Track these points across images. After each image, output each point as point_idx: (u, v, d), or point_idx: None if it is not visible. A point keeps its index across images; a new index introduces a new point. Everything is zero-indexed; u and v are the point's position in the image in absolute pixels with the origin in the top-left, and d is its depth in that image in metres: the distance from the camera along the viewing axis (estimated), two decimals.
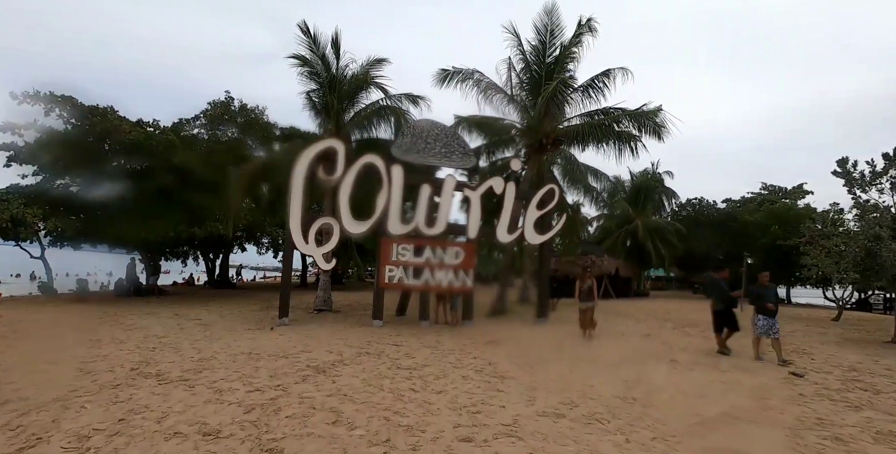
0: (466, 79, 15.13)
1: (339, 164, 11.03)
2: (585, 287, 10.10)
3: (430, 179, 11.83)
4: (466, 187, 12.06)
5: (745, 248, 35.74)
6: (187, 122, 21.40)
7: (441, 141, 12.05)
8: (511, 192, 12.39)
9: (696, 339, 11.11)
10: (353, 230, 11.14)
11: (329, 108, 14.69)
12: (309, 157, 10.89)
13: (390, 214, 11.20)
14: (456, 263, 11.69)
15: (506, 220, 12.34)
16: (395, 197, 11.28)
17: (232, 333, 9.85)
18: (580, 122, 15.01)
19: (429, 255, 11.50)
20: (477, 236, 12.01)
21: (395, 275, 11.27)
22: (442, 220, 11.66)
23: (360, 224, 11.09)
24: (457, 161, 12.12)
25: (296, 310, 14.65)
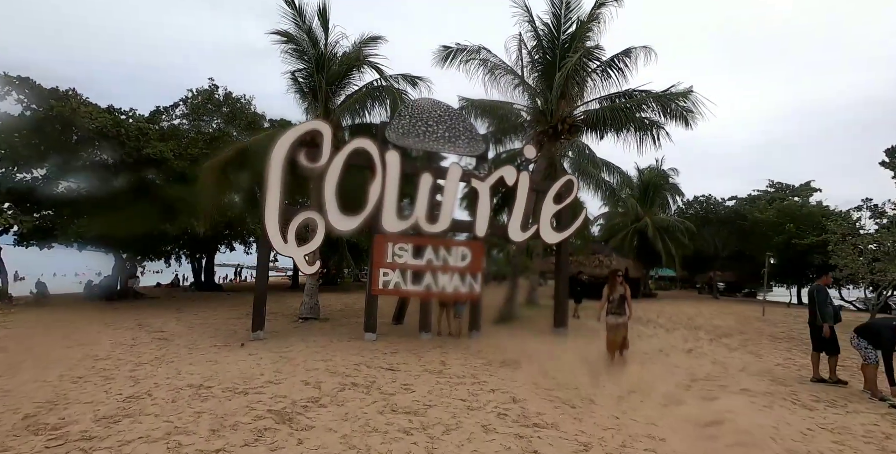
0: (471, 57, 13.29)
1: (324, 149, 9.21)
2: (616, 296, 7.74)
3: (431, 168, 10.01)
4: (474, 177, 10.25)
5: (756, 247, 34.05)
6: (165, 111, 19.51)
7: (444, 123, 10.23)
8: (525, 182, 10.58)
9: (744, 355, 9.34)
10: (341, 226, 9.32)
11: (317, 89, 12.84)
12: (289, 141, 9.06)
13: (384, 208, 9.38)
14: (462, 266, 9.87)
15: (518, 216, 10.53)
16: (391, 188, 9.46)
17: (192, 352, 8.01)
18: (599, 106, 13.19)
19: (430, 257, 9.69)
20: (486, 234, 10.21)
21: (391, 279, 9.45)
22: (445, 215, 9.85)
23: (349, 219, 9.26)
24: (462, 147, 10.30)
25: (279, 318, 12.83)
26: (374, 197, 9.36)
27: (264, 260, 9.33)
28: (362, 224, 9.36)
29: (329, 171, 9.19)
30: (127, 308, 15.52)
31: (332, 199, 9.17)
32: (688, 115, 12.97)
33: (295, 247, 8.97)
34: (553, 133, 12.87)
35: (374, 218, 9.34)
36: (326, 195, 9.15)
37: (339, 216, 9.17)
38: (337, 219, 9.15)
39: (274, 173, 8.96)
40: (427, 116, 10.16)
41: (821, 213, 32.84)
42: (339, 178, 9.31)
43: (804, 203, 34.16)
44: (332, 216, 9.11)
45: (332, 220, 9.11)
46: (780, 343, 11.58)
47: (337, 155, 9.27)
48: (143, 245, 18.64)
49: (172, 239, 18.97)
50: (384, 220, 9.37)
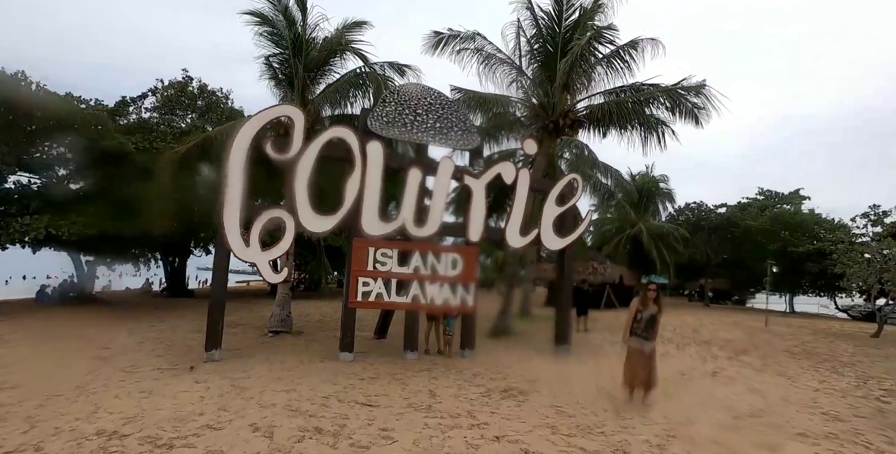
0: (465, 44, 12.06)
1: (295, 137, 7.85)
2: (646, 315, 6.10)
3: (419, 162, 8.70)
4: (468, 174, 8.96)
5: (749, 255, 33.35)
6: (132, 102, 17.95)
7: (435, 112, 8.95)
8: (525, 181, 9.33)
9: (775, 379, 8.14)
10: (314, 227, 7.95)
11: (293, 76, 11.49)
12: (254, 128, 7.69)
13: (364, 207, 8.04)
14: (454, 275, 8.56)
15: (518, 219, 9.27)
16: (372, 184, 8.13)
17: (127, 378, 6.57)
18: (604, 100, 12.03)
19: (418, 264, 8.36)
20: (481, 239, 8.92)
21: (372, 290, 8.09)
22: (435, 216, 8.55)
23: (323, 219, 7.90)
24: (455, 139, 9.02)
25: (247, 331, 11.38)
26: (353, 194, 8.02)
27: (222, 266, 7.90)
28: (338, 225, 8.01)
29: (300, 164, 7.82)
30: (80, 316, 13.88)
31: (304, 196, 7.80)
32: (698, 113, 11.88)
33: (258, 252, 7.58)
34: (553, 128, 11.66)
35: (353, 218, 7.99)
36: (297, 191, 7.78)
37: (312, 215, 7.80)
38: (309, 218, 7.78)
39: (235, 165, 7.58)
40: (416, 104, 8.87)
41: (813, 221, 32.29)
42: (313, 171, 7.96)
43: (796, 211, 33.58)
44: (304, 215, 7.74)
45: (304, 219, 7.74)
46: (801, 360, 10.47)
47: (310, 145, 7.92)
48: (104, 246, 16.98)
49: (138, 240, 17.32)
50: (364, 222, 8.02)
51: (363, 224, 8.01)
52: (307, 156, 7.88)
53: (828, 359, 11.01)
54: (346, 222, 7.99)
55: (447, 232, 9.02)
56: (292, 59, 11.38)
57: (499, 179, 9.12)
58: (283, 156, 7.80)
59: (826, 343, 14.29)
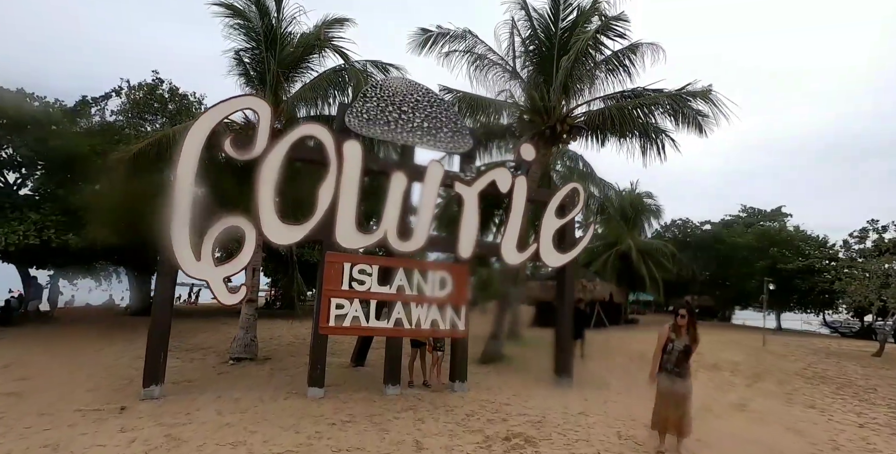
0: (454, 44, 11.12)
1: (259, 134, 6.70)
2: (678, 347, 5.03)
3: (404, 166, 7.60)
4: (459, 181, 7.88)
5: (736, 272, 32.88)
6: (94, 102, 16.56)
7: (423, 110, 7.90)
8: (522, 189, 8.30)
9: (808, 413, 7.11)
10: (279, 239, 6.74)
11: (265, 72, 10.37)
12: (210, 124, 6.53)
13: (339, 216, 6.88)
14: (442, 295, 7.42)
15: (515, 232, 8.20)
16: (348, 189, 6.99)
17: (35, 424, 5.22)
18: (603, 105, 11.16)
19: (402, 283, 7.19)
20: (472, 254, 7.80)
21: (348, 313, 6.87)
22: (422, 228, 7.42)
23: (290, 229, 6.70)
24: (445, 141, 7.97)
25: (207, 357, 10.02)
26: (326, 200, 6.86)
27: (166, 285, 6.62)
28: (308, 236, 6.82)
29: (265, 164, 6.66)
30: (16, 337, 12.28)
31: (269, 202, 6.62)
32: (702, 120, 11.08)
33: (211, 267, 6.33)
34: (550, 135, 10.71)
35: (326, 229, 6.81)
36: (261, 196, 6.60)
37: (278, 225, 6.61)
38: (273, 228, 6.58)
39: (186, 165, 6.38)
40: (401, 100, 7.81)
41: (799, 238, 32.11)
42: (280, 174, 6.80)
43: (782, 227, 33.35)
44: (268, 224, 6.54)
45: (267, 229, 6.54)
46: (819, 386, 9.61)
47: (277, 143, 6.78)
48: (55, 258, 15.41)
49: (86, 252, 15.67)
50: (339, 233, 6.85)
51: (338, 235, 6.83)
52: (273, 156, 6.72)
53: (845, 383, 10.12)
54: (318, 233, 6.80)
55: (435, 246, 7.88)
56: (265, 54, 10.26)
57: (493, 187, 8.07)
58: (244, 155, 6.64)
59: (833, 364, 13.47)
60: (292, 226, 6.71)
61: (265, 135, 6.75)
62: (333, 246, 6.86)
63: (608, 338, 18.17)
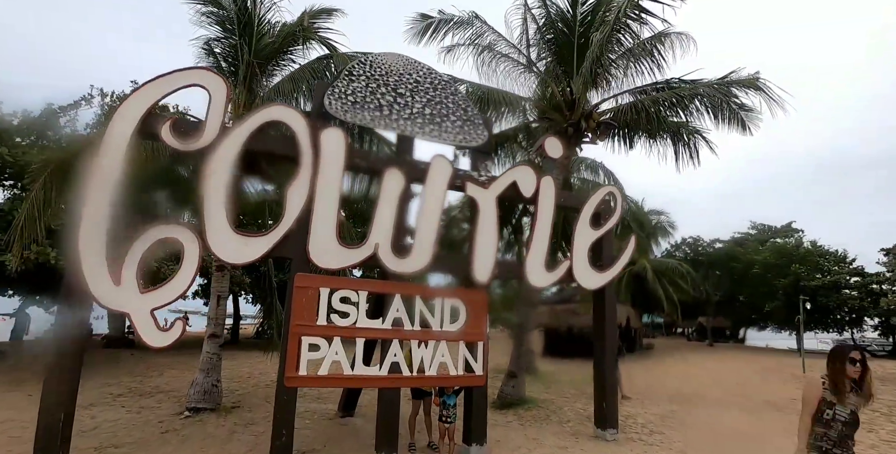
0: (459, 31, 9.54)
1: (210, 119, 4.97)
2: (842, 417, 3.10)
3: (401, 162, 5.83)
4: (472, 182, 6.10)
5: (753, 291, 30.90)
6: (62, 112, 14.92)
7: (424, 93, 6.21)
8: (550, 192, 6.54)
9: None
10: (232, 255, 4.87)
11: (239, 62, 8.75)
12: (141, 106, 4.82)
13: (314, 226, 5.06)
14: (453, 331, 5.55)
15: (542, 247, 6.39)
16: (327, 191, 5.20)
17: None
18: (633, 98, 9.52)
19: (399, 315, 5.33)
20: (492, 277, 5.96)
21: (325, 356, 4.98)
22: (425, 241, 5.60)
23: (246, 242, 4.87)
24: (453, 131, 6.26)
25: (162, 404, 8.07)
26: (297, 205, 5.06)
27: (72, 320, 4.76)
28: (272, 252, 4.98)
29: (216, 158, 4.91)
30: None
31: (218, 207, 4.82)
32: (745, 116, 9.45)
33: (134, 295, 4.49)
34: (574, 133, 9.01)
35: (296, 242, 4.99)
36: (209, 199, 4.81)
37: (230, 236, 4.79)
38: (224, 241, 4.75)
39: (109, 158, 4.64)
40: (397, 81, 6.11)
41: (817, 253, 30.24)
42: (237, 170, 5.06)
43: (798, 242, 31.52)
44: (216, 236, 4.72)
45: (216, 242, 4.71)
46: None
47: (233, 131, 5.05)
48: None
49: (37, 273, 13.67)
50: (314, 247, 5.02)
51: (312, 251, 5.01)
52: (227, 146, 4.97)
53: None
54: (285, 248, 4.98)
55: (443, 266, 6.03)
56: (238, 41, 8.66)
57: (513, 190, 6.31)
58: (189, 144, 4.90)
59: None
60: (250, 237, 4.89)
61: (217, 119, 5.02)
62: (306, 265, 5.03)
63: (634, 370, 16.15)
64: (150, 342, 4.60)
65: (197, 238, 4.70)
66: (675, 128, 10.01)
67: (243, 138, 5.08)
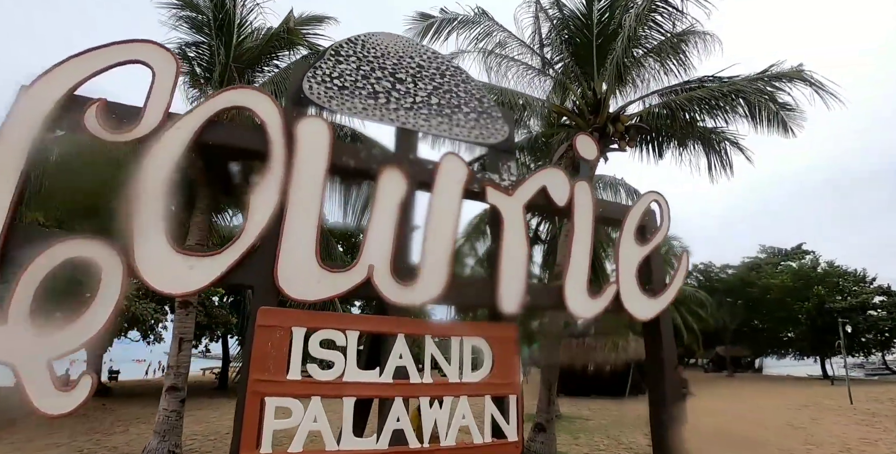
0: (463, 31, 8.49)
1: (152, 102, 3.73)
2: None
3: (401, 160, 4.52)
4: (492, 187, 4.78)
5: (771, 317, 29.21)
6: None
7: (430, 80, 5.00)
8: (587, 200, 5.23)
9: None
10: (170, 283, 3.46)
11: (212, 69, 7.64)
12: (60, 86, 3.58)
13: (285, 242, 3.71)
14: (478, 382, 4.10)
15: (583, 269, 5.01)
16: (305, 196, 3.89)
17: None
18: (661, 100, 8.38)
19: (403, 362, 3.86)
20: (521, 305, 4.56)
21: (300, 424, 3.52)
22: (436, 263, 4.23)
23: (192, 263, 3.50)
24: (466, 126, 5.02)
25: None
26: (263, 215, 3.71)
27: None
28: (226, 277, 3.58)
29: (157, 151, 3.61)
30: None
31: (156, 217, 3.48)
32: (786, 116, 8.31)
33: (27, 337, 3.08)
34: (600, 138, 7.79)
35: (260, 264, 3.62)
36: (142, 204, 3.47)
37: (169, 257, 3.42)
38: (160, 262, 3.38)
39: (7, 151, 3.37)
40: (395, 64, 4.90)
41: (836, 274, 28.72)
42: (184, 168, 3.75)
43: (814, 265, 30.05)
44: (149, 255, 3.35)
45: (147, 263, 3.33)
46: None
47: (181, 117, 3.78)
48: None
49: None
50: (285, 271, 3.63)
51: (282, 276, 3.61)
52: (172, 138, 3.69)
53: None
54: (244, 272, 3.59)
55: (459, 295, 4.62)
56: (214, 41, 7.57)
57: (542, 198, 4.99)
58: (122, 134, 3.62)
59: None
60: (198, 258, 3.52)
61: (161, 102, 3.76)
62: (273, 295, 3.62)
63: None
64: (44, 407, 3.13)
65: (120, 257, 3.33)
66: (708, 133, 8.85)
67: (195, 127, 3.80)
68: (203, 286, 3.51)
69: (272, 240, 3.68)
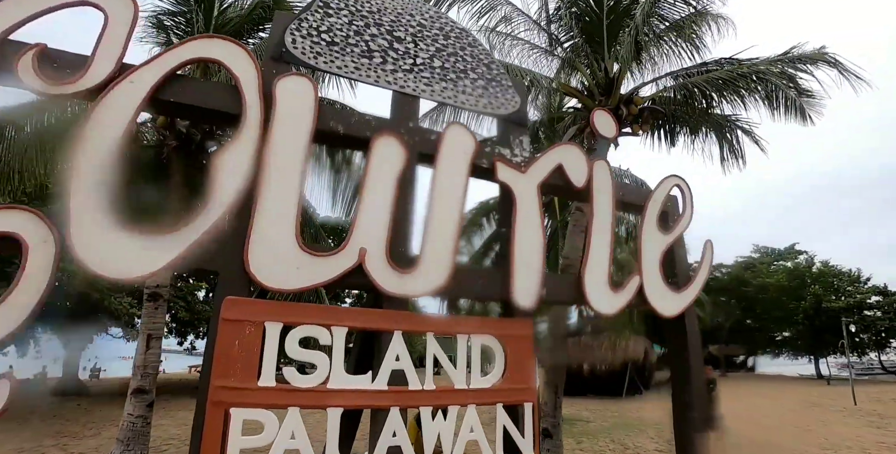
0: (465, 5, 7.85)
1: (102, 49, 3.05)
2: None
3: (398, 128, 3.87)
4: (503, 163, 4.14)
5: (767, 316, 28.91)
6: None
7: (432, 41, 4.36)
8: (606, 180, 4.62)
9: None
10: (113, 266, 2.79)
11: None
12: None
13: (259, 219, 3.05)
14: (489, 388, 3.47)
15: (604, 258, 4.41)
16: (284, 167, 3.23)
17: None
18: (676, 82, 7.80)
19: (400, 364, 3.22)
20: (538, 301, 3.93)
21: (274, 441, 2.86)
22: (440, 247, 3.59)
23: (143, 244, 2.83)
24: (475, 94, 4.39)
25: None
26: (232, 185, 3.05)
27: None
28: (183, 261, 2.91)
29: (103, 108, 2.94)
30: None
31: (97, 187, 2.80)
32: (805, 103, 7.78)
33: None
34: None
35: (226, 246, 2.97)
36: (82, 172, 2.80)
37: (113, 235, 2.74)
38: (101, 240, 2.70)
39: None
40: (393, 21, 4.25)
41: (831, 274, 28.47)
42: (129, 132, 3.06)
43: (810, 263, 29.79)
44: (88, 232, 2.68)
45: (85, 241, 2.66)
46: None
47: (138, 69, 3.10)
48: None
49: None
50: (257, 253, 2.97)
51: (254, 259, 2.94)
52: (125, 92, 3.02)
53: None
54: (207, 254, 2.92)
55: (467, 285, 3.97)
56: (193, 8, 6.85)
57: (559, 177, 4.37)
58: (63, 86, 2.95)
59: None
60: (151, 237, 2.84)
61: (115, 49, 3.09)
62: (244, 283, 2.96)
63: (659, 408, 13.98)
64: None
65: (53, 234, 2.65)
66: (722, 121, 8.30)
67: (152, 81, 3.12)
68: (155, 270, 2.82)
69: (242, 217, 3.01)
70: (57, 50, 3.13)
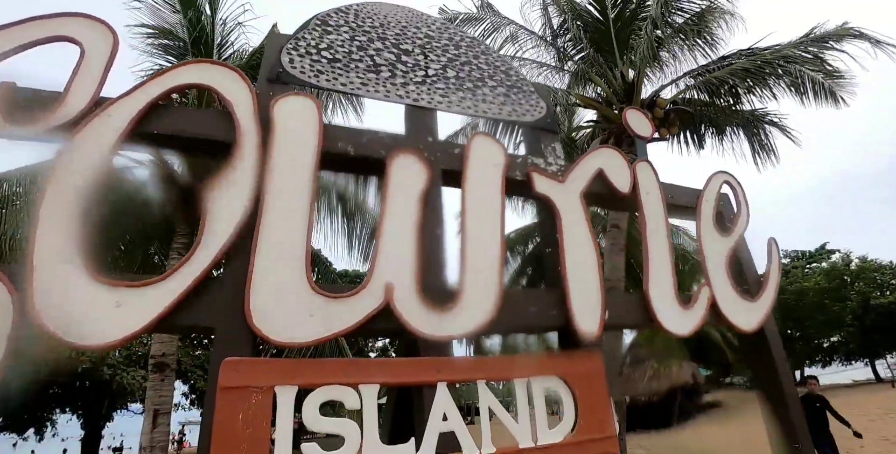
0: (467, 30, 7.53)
1: (77, 82, 2.61)
2: None
3: (416, 143, 3.33)
4: (538, 173, 3.56)
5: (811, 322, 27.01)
6: None
7: (444, 51, 3.90)
8: (654, 184, 3.98)
9: None
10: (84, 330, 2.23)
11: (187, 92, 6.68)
12: None
13: (259, 260, 2.48)
14: (562, 444, 2.74)
15: (664, 272, 3.71)
16: (290, 196, 2.69)
17: None
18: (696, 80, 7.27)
19: (448, 425, 2.53)
20: (600, 328, 3.23)
21: None
22: (482, 277, 2.96)
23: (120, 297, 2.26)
24: (496, 102, 3.88)
25: None
26: (228, 221, 2.50)
27: None
28: (170, 314, 2.32)
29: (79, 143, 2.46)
30: None
31: (66, 231, 2.27)
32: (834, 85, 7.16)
33: None
34: None
35: (221, 293, 2.38)
36: (47, 215, 2.27)
37: (84, 285, 2.18)
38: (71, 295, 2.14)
39: None
40: (398, 35, 3.80)
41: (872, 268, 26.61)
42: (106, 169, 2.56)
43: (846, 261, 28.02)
44: (55, 284, 2.12)
45: (50, 297, 2.09)
46: None
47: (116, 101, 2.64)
48: None
49: None
50: (259, 301, 2.38)
51: (256, 308, 2.35)
52: (102, 125, 2.55)
53: None
54: (200, 306, 2.34)
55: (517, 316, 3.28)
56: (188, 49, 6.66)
57: (600, 185, 3.75)
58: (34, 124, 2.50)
59: None
60: (128, 289, 2.27)
61: (91, 82, 2.66)
62: (246, 340, 2.35)
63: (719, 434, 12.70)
64: None
65: (6, 289, 2.10)
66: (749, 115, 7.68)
67: (133, 112, 2.66)
68: (134, 331, 2.23)
69: (241, 259, 2.44)
70: (24, 88, 2.71)
